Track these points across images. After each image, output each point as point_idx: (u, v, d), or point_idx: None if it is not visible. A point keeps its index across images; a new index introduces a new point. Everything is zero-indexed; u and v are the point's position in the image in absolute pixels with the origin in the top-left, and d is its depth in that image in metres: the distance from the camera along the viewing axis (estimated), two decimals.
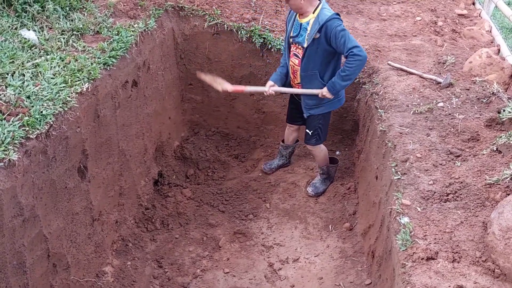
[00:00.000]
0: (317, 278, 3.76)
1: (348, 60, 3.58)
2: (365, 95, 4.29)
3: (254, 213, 4.38)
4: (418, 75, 4.10)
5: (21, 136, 2.55)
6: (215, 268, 3.86)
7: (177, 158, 4.81)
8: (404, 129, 3.47)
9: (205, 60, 4.79)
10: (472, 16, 5.27)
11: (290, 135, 4.57)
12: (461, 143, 3.28)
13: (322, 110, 4.01)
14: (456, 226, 2.67)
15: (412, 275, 2.44)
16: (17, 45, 3.24)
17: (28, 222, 2.64)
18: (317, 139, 4.20)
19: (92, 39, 3.60)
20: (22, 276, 2.66)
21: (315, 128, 4.13)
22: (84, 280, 3.30)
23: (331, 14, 3.62)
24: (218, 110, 5.09)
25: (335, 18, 3.60)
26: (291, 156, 4.80)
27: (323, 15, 3.61)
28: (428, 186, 2.97)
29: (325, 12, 3.63)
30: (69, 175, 3.01)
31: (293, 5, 3.66)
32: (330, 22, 3.57)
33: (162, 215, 4.21)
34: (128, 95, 3.73)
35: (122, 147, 3.70)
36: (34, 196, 2.67)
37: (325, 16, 3.60)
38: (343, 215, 4.27)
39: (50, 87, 2.93)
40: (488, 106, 3.58)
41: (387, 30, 4.89)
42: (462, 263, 2.47)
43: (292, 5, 3.68)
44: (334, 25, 3.57)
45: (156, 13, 4.28)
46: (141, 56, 3.88)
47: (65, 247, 3.06)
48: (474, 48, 4.53)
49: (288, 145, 4.66)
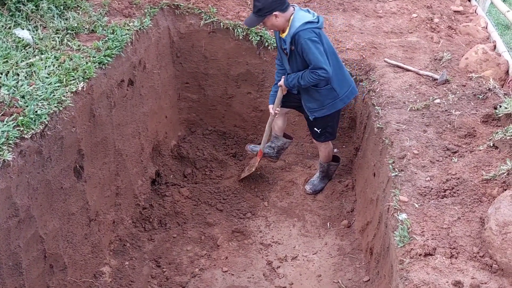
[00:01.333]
0: (316, 275, 3.76)
1: (310, 73, 3.61)
2: (362, 92, 4.29)
3: (252, 212, 4.37)
4: (415, 72, 4.10)
5: (15, 136, 2.53)
6: (213, 267, 3.85)
7: (174, 157, 4.80)
8: (401, 126, 3.47)
9: (201, 58, 4.77)
10: (468, 13, 5.27)
11: (278, 119, 4.27)
12: (457, 139, 3.28)
13: (325, 112, 3.91)
14: (453, 222, 2.67)
15: (410, 271, 2.44)
16: (11, 44, 3.22)
17: (23, 223, 2.63)
18: (326, 136, 4.13)
19: (87, 38, 3.58)
20: (18, 277, 2.64)
21: (325, 127, 4.05)
22: (82, 281, 3.28)
23: (300, 24, 3.53)
24: (215, 109, 5.08)
25: (302, 30, 3.52)
26: (280, 152, 4.55)
27: (292, 27, 3.56)
28: (425, 183, 2.97)
29: (294, 24, 3.56)
30: (64, 175, 3.00)
31: (269, 26, 3.65)
32: (297, 36, 3.54)
33: (159, 215, 4.19)
34: (123, 94, 3.71)
35: (118, 147, 3.68)
36: (29, 196, 2.65)
37: (293, 28, 3.55)
38: (341, 212, 4.27)
39: (45, 86, 2.91)
40: (484, 102, 3.58)
41: (383, 27, 4.89)
42: (460, 259, 2.47)
43: (269, 27, 3.68)
44: (300, 39, 3.53)
45: (152, 12, 4.26)
46: (136, 55, 3.87)
47: (62, 248, 3.05)
48: (470, 44, 4.53)
49: (277, 135, 4.42)
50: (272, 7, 3.48)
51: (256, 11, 3.51)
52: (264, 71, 4.72)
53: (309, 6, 5.16)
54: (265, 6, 3.46)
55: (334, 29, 4.80)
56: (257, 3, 3.48)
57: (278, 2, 3.48)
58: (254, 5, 3.51)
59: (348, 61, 4.42)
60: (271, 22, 3.57)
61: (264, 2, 3.45)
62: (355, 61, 4.42)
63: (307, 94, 3.88)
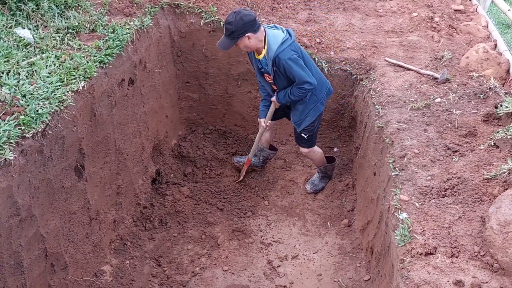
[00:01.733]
0: (316, 274, 3.77)
1: (297, 89, 3.75)
2: (363, 91, 4.29)
3: (252, 211, 4.37)
4: (415, 71, 4.10)
5: (17, 135, 2.53)
6: (214, 266, 3.85)
7: (175, 156, 4.80)
8: (402, 125, 3.47)
9: (202, 57, 4.77)
10: (469, 12, 5.27)
11: (266, 132, 4.40)
12: (458, 139, 3.28)
13: (310, 119, 4.02)
14: (454, 221, 2.67)
15: (410, 271, 2.44)
16: (12, 43, 3.21)
17: (25, 222, 2.63)
18: (312, 141, 4.22)
19: (88, 37, 3.58)
20: (19, 276, 2.64)
21: (311, 132, 4.12)
22: (83, 280, 3.29)
23: (277, 47, 3.61)
24: (215, 108, 5.08)
25: (281, 52, 3.60)
26: (265, 162, 4.68)
27: (270, 51, 3.64)
28: (426, 182, 2.97)
29: (272, 48, 3.63)
30: (66, 174, 3.00)
31: (243, 47, 3.70)
32: (278, 59, 3.62)
33: (160, 214, 4.20)
34: (124, 93, 3.71)
35: (119, 146, 3.68)
36: (31, 195, 2.65)
37: (272, 52, 3.63)
38: (341, 211, 4.27)
39: (46, 85, 2.91)
40: (485, 101, 3.58)
41: (384, 26, 4.89)
42: (461, 258, 2.47)
43: (242, 48, 3.73)
44: (281, 61, 3.62)
45: (152, 11, 4.26)
46: (137, 54, 3.87)
47: (63, 247, 3.05)
48: (470, 43, 4.53)
49: (263, 147, 4.53)
50: (244, 29, 3.54)
51: (229, 34, 3.57)
52: None
53: (309, 5, 5.17)
54: (237, 28, 3.53)
55: (334, 28, 4.80)
56: (229, 26, 3.54)
57: (249, 24, 3.55)
58: (226, 28, 3.57)
59: (349, 60, 4.42)
60: (244, 44, 3.64)
61: (236, 24, 3.51)
62: (356, 60, 4.42)
63: (292, 106, 4.02)
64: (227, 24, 3.55)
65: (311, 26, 4.80)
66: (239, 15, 3.52)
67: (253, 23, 3.56)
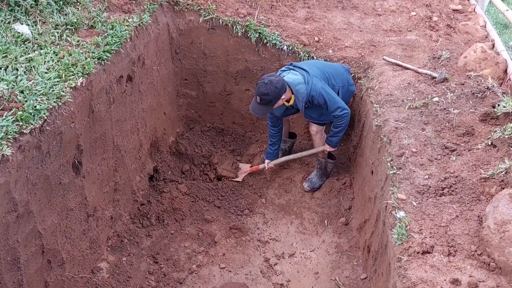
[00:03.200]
0: (313, 273, 3.77)
1: (336, 121, 3.99)
2: (361, 90, 4.29)
3: (249, 209, 4.37)
4: (413, 70, 4.11)
5: (14, 131, 2.52)
6: (211, 264, 3.85)
7: (173, 153, 4.80)
8: (400, 124, 3.48)
9: (201, 55, 4.77)
10: (467, 11, 5.28)
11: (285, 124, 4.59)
12: (456, 138, 3.29)
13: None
14: (451, 220, 2.68)
15: (407, 269, 2.45)
16: (10, 39, 3.20)
17: (22, 218, 2.62)
18: None
19: (86, 34, 3.56)
20: (16, 272, 2.64)
21: None
22: (79, 276, 3.28)
23: (303, 89, 3.78)
24: (213, 106, 5.07)
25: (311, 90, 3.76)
26: (291, 150, 4.84)
27: (300, 94, 3.81)
28: (423, 181, 2.98)
29: (299, 91, 3.80)
30: (63, 170, 2.99)
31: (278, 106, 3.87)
32: (311, 98, 3.80)
33: (157, 211, 4.19)
34: (122, 90, 3.70)
35: (117, 143, 3.68)
36: (28, 191, 2.65)
37: (301, 94, 3.80)
38: (338, 210, 4.28)
39: (44, 81, 2.89)
40: (483, 100, 3.59)
41: (382, 25, 4.89)
42: (458, 257, 2.48)
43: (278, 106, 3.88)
44: (315, 98, 3.80)
45: (151, 8, 4.25)
46: (135, 51, 3.86)
47: (60, 243, 3.04)
48: (468, 43, 4.54)
49: (284, 139, 4.66)
50: (280, 94, 3.71)
51: (266, 103, 3.71)
52: (263, 68, 4.71)
53: (308, 3, 5.16)
54: (275, 96, 3.71)
55: (333, 27, 4.80)
56: (266, 97, 3.68)
57: (281, 87, 3.71)
58: (262, 99, 3.69)
59: (347, 59, 4.42)
60: (278, 104, 3.83)
61: (272, 94, 3.67)
62: (354, 59, 4.42)
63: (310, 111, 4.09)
64: (263, 95, 3.67)
65: (309, 24, 4.80)
66: (272, 84, 3.66)
67: (282, 83, 3.72)
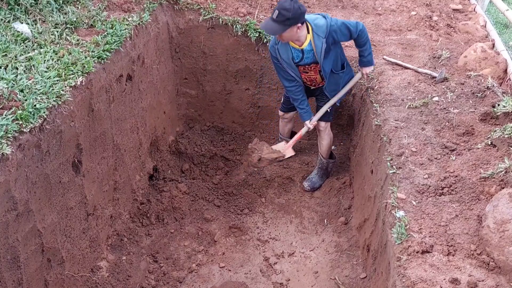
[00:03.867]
0: (313, 272, 3.78)
1: (360, 36, 3.70)
2: (361, 89, 4.29)
3: (249, 208, 4.38)
4: (413, 70, 4.10)
5: (14, 130, 2.52)
6: (211, 263, 3.86)
7: (172, 152, 4.80)
8: (399, 123, 3.48)
9: (200, 54, 4.76)
10: (467, 11, 5.28)
11: (285, 126, 4.58)
12: (456, 137, 3.29)
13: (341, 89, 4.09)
14: (451, 219, 2.68)
15: (407, 268, 2.45)
16: (10, 38, 3.20)
17: (21, 217, 2.62)
18: (331, 116, 4.26)
19: (86, 33, 3.56)
20: (16, 271, 2.64)
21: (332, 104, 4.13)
22: (79, 275, 3.28)
23: (322, 21, 3.60)
24: (213, 105, 5.07)
25: (329, 22, 3.59)
26: None
27: (319, 28, 3.59)
28: (423, 180, 2.98)
29: (318, 24, 3.59)
30: (63, 169, 2.99)
31: (287, 37, 3.58)
32: (331, 29, 3.59)
33: (157, 210, 4.20)
34: (122, 89, 3.70)
35: (116, 142, 3.68)
36: (28, 190, 2.65)
37: (321, 27, 3.58)
38: (338, 209, 4.28)
39: (44, 80, 2.89)
40: (482, 100, 3.59)
41: (382, 25, 4.89)
42: (457, 256, 2.48)
43: (285, 38, 3.60)
44: (334, 27, 3.59)
45: (151, 7, 4.25)
46: (135, 50, 3.85)
47: (60, 242, 3.04)
48: (469, 42, 4.54)
49: (286, 139, 4.66)
50: (300, 18, 3.45)
51: (283, 20, 3.40)
52: (263, 67, 4.71)
53: (308, 2, 5.16)
54: (295, 16, 3.40)
55: None
56: (286, 13, 3.37)
57: (303, 14, 3.48)
58: (281, 13, 3.38)
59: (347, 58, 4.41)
60: (291, 33, 3.53)
61: (294, 12, 3.37)
62: (354, 58, 4.42)
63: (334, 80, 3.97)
64: (283, 10, 3.37)
65: None
66: (297, 4, 3.40)
67: (305, 15, 3.51)
